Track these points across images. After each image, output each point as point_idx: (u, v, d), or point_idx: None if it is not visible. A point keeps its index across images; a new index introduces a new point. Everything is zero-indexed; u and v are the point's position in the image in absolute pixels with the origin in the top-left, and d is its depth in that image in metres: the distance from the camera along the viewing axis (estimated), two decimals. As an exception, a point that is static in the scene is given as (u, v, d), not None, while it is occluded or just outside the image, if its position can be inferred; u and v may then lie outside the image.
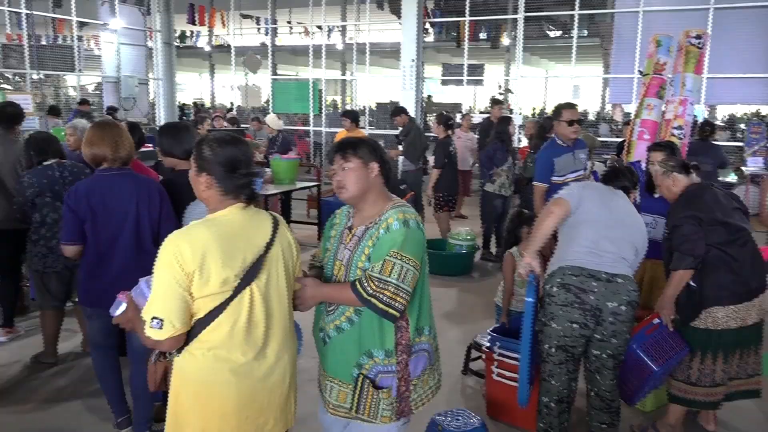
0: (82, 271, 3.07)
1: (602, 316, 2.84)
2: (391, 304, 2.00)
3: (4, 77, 14.32)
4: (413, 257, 2.04)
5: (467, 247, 6.54)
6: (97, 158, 3.02)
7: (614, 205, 3.07)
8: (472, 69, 12.54)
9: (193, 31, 19.73)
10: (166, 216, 3.05)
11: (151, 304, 1.82)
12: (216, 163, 1.92)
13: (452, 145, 7.08)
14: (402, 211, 2.09)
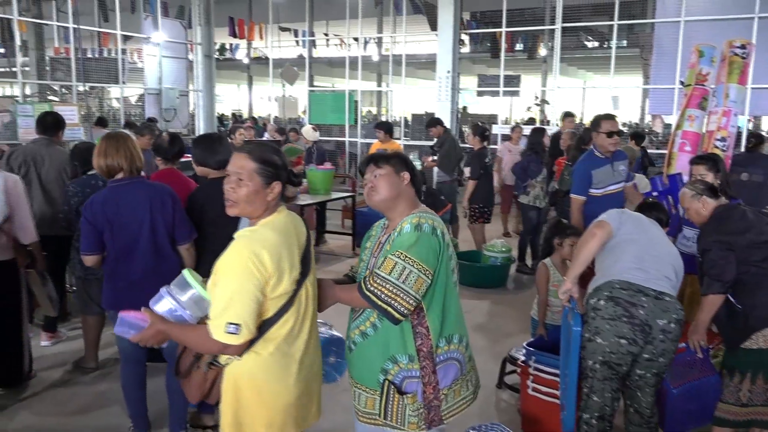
0: (105, 275, 3.18)
1: (652, 334, 2.74)
2: (391, 303, 2.00)
3: (52, 89, 14.81)
4: (419, 260, 2.02)
5: (502, 259, 6.48)
6: (112, 169, 3.11)
7: (651, 230, 3.05)
8: (508, 80, 12.48)
9: (232, 43, 20.12)
10: (180, 221, 3.15)
11: (224, 310, 1.82)
12: (284, 169, 2.00)
13: (488, 157, 7.05)
14: (418, 216, 2.11)
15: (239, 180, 1.94)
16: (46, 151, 4.65)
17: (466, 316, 2.35)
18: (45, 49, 16.37)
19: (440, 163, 7.82)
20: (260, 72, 18.61)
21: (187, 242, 3.18)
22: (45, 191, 4.60)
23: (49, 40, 16.71)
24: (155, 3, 13.76)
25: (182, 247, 3.19)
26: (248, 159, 1.95)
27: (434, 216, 2.17)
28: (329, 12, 16.69)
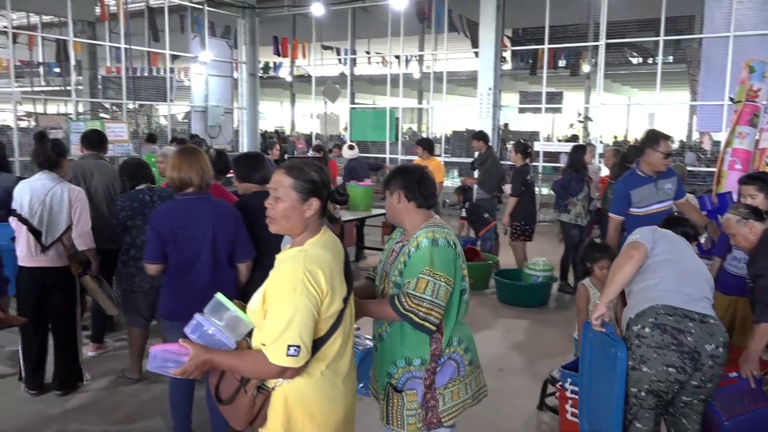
0: (164, 286, 3.24)
1: (701, 360, 2.61)
2: (427, 319, 2.19)
3: (103, 107, 15.34)
4: (444, 273, 2.21)
5: (544, 278, 6.37)
6: (183, 183, 3.17)
7: (683, 247, 2.94)
8: (550, 96, 12.36)
9: (276, 62, 20.49)
10: (242, 238, 3.20)
11: (283, 332, 1.78)
12: (324, 186, 1.99)
13: (530, 174, 6.98)
14: (432, 230, 2.26)
15: (277, 196, 1.94)
16: (94, 167, 4.80)
17: (507, 335, 2.38)
18: (97, 69, 17.00)
19: (481, 181, 7.77)
20: (303, 89, 18.90)
21: (247, 260, 3.23)
22: (93, 205, 4.74)
23: (101, 60, 17.34)
24: (203, 23, 14.17)
25: (242, 265, 3.23)
26: (285, 175, 1.95)
27: (444, 228, 2.31)
28: (371, 30, 16.87)
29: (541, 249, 8.11)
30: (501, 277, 6.52)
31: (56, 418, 3.78)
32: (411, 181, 2.34)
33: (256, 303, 1.90)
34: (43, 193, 3.79)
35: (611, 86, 22.78)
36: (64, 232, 3.86)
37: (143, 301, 4.16)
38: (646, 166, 4.30)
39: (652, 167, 4.27)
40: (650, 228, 3.05)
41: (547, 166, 12.72)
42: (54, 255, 3.87)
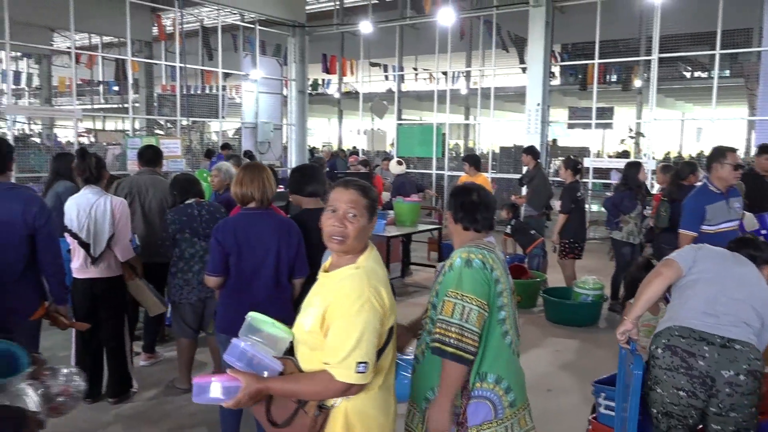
0: (223, 300, 3.27)
1: (716, 386, 2.49)
2: (460, 346, 2.01)
3: (158, 124, 15.85)
4: (474, 296, 2.05)
5: (594, 297, 6.22)
6: (245, 198, 3.23)
7: (737, 268, 2.75)
8: (600, 112, 12.15)
9: (325, 79, 20.82)
10: (301, 255, 3.23)
11: (353, 349, 1.78)
12: (375, 205, 2.01)
13: (580, 191, 6.85)
14: (468, 251, 2.15)
15: (353, 216, 1.92)
16: (149, 182, 4.95)
17: (556, 354, 2.29)
18: (153, 87, 17.60)
19: (529, 199, 7.67)
20: (350, 106, 19.11)
21: (303, 277, 3.25)
22: (147, 220, 4.88)
23: (157, 78, 17.96)
24: (254, 42, 14.53)
25: (297, 281, 3.25)
26: (361, 195, 1.94)
27: (483, 250, 2.17)
28: (418, 47, 16.97)
29: (590, 267, 7.94)
30: (549, 295, 6.40)
31: (107, 426, 3.88)
32: (457, 202, 2.32)
33: (313, 323, 1.88)
34: (88, 207, 3.93)
35: (664, 101, 22.23)
36: (110, 242, 3.98)
37: (191, 312, 4.25)
38: (717, 181, 4.18)
39: (724, 182, 4.16)
40: (695, 246, 2.95)
41: (597, 182, 12.47)
42: (103, 266, 4.00)
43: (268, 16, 14.11)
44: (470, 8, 14.49)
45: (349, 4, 17.21)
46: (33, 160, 11.17)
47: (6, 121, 11.34)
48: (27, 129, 15.48)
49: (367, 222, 1.96)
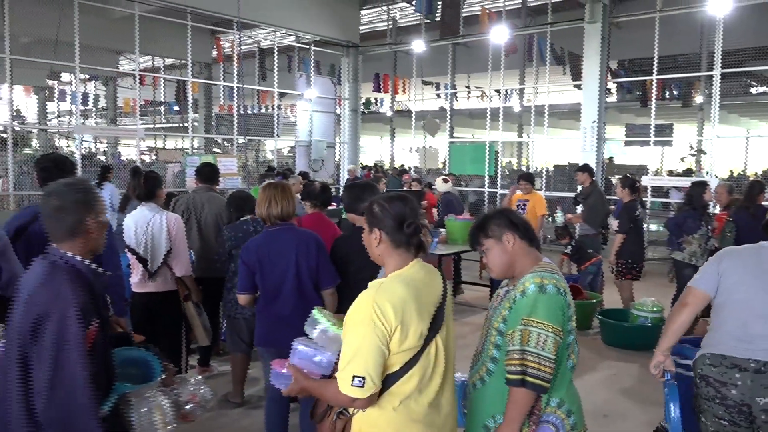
0: (257, 315, 3.42)
1: (753, 413, 2.39)
2: (539, 375, 1.98)
3: (216, 142, 16.31)
4: (550, 322, 2.01)
5: (653, 320, 6.00)
6: (269, 216, 3.36)
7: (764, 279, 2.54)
8: (659, 129, 11.83)
9: (377, 97, 21.02)
10: (324, 264, 3.29)
11: (349, 362, 1.83)
12: (386, 219, 2.02)
13: (638, 210, 6.66)
14: (540, 276, 2.09)
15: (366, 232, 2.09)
16: (205, 199, 5.08)
17: (612, 378, 2.23)
18: (212, 107, 18.16)
19: (586, 217, 7.50)
20: (402, 124, 19.21)
21: (330, 287, 3.30)
22: (202, 236, 5.01)
23: (215, 98, 18.51)
24: (309, 63, 14.83)
25: (326, 292, 3.31)
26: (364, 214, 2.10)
27: (554, 274, 2.13)
28: (471, 66, 16.94)
29: (649, 289, 7.67)
30: (606, 317, 6.22)
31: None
32: (514, 221, 2.24)
33: (342, 331, 1.97)
34: (144, 223, 4.06)
35: (727, 117, 21.45)
36: (167, 257, 4.10)
37: (245, 327, 4.31)
38: None
39: None
40: (715, 259, 2.72)
41: (656, 201, 12.11)
42: (160, 280, 4.12)
43: (322, 37, 14.39)
44: (523, 25, 14.41)
45: (402, 23, 17.38)
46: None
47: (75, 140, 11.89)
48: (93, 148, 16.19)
49: (369, 233, 2.05)
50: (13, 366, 1.87)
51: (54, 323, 1.83)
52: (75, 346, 1.83)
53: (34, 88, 19.60)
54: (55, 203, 2.00)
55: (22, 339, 1.87)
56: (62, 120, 20.86)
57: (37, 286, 1.92)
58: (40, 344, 1.83)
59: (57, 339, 1.82)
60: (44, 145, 15.85)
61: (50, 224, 2.02)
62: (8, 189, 9.55)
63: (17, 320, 1.91)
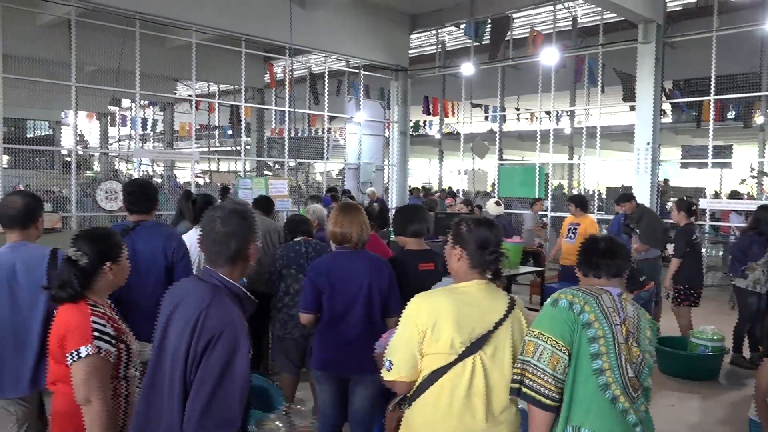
0: (316, 337, 3.34)
1: None
2: (531, 386, 2.00)
3: (267, 165, 16.65)
4: (550, 335, 2.02)
5: (713, 349, 5.76)
6: (344, 238, 3.30)
7: None
8: (717, 150, 11.46)
9: (426, 120, 21.08)
10: (394, 292, 3.23)
11: (390, 349, 2.17)
12: (470, 239, 2.18)
13: (695, 233, 6.44)
14: (562, 291, 2.14)
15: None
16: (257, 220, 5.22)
17: (670, 410, 2.14)
18: (264, 131, 18.58)
19: (646, 239, 7.24)
20: (451, 146, 19.19)
21: (397, 315, 3.26)
22: (252, 253, 5.14)
23: (267, 122, 18.95)
24: (358, 87, 15.04)
25: (392, 320, 3.20)
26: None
27: (583, 293, 2.12)
28: (521, 88, 16.86)
29: (708, 316, 7.38)
30: (663, 346, 6.00)
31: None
32: (581, 249, 2.36)
33: None
34: (197, 245, 4.14)
35: (791, 138, 20.61)
36: None
37: (293, 347, 4.34)
38: None
39: None
40: None
41: (714, 225, 11.69)
42: None
43: (372, 61, 14.59)
44: (574, 47, 14.27)
45: (450, 47, 17.47)
46: (155, 200, 12.02)
47: (133, 163, 12.35)
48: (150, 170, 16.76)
49: (451, 248, 2.25)
50: (175, 384, 1.84)
51: (226, 346, 1.80)
52: (241, 370, 1.82)
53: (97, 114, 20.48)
54: (221, 229, 1.99)
55: (191, 359, 1.83)
56: (122, 144, 21.70)
57: (206, 307, 1.87)
58: (207, 364, 1.80)
59: (226, 361, 1.80)
60: (105, 168, 16.48)
61: (213, 248, 2.00)
62: (71, 210, 9.96)
63: (180, 339, 1.87)
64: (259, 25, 11.69)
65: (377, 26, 14.12)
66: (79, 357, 2.14)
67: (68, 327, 2.20)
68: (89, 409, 2.13)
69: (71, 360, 2.15)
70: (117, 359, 2.25)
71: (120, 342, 2.27)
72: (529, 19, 15.50)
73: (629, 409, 2.07)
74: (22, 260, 2.85)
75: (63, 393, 2.23)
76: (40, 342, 2.79)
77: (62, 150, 16.12)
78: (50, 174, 12.90)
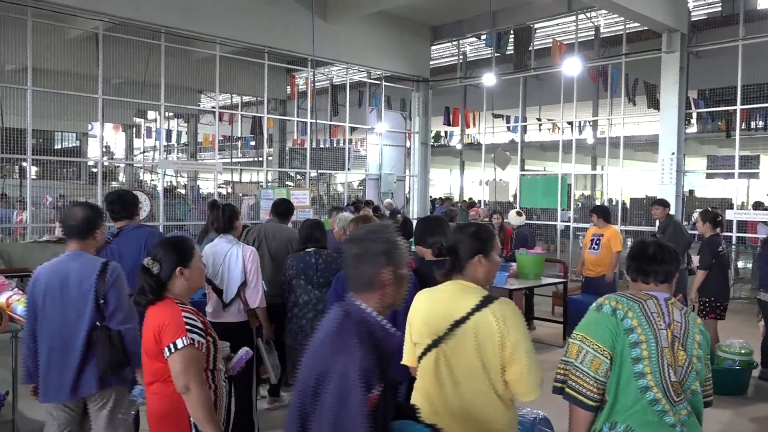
0: None
1: None
2: (574, 387, 2.05)
3: (289, 176, 16.76)
4: (594, 339, 2.07)
5: (741, 363, 5.64)
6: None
7: None
8: (744, 160, 11.28)
9: (447, 131, 21.07)
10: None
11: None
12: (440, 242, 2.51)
13: (721, 245, 6.34)
14: (607, 297, 2.19)
15: None
16: (275, 229, 5.26)
17: (698, 425, 2.08)
18: (286, 141, 18.72)
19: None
20: (472, 157, 19.16)
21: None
22: (274, 263, 5.14)
23: (289, 133, 19.08)
24: (380, 98, 15.10)
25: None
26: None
27: (626, 298, 2.16)
28: (543, 98, 16.80)
29: (735, 329, 7.23)
30: (688, 359, 5.89)
31: (235, 466, 4.01)
32: (629, 254, 2.38)
33: None
34: (222, 255, 4.18)
35: (820, 148, 20.22)
36: (241, 288, 4.20)
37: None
38: None
39: None
40: None
41: (742, 236, 11.49)
42: (234, 311, 4.21)
43: (393, 73, 14.66)
44: (597, 56, 14.19)
45: (471, 57, 17.48)
46: (179, 210, 12.19)
47: (158, 174, 12.52)
48: (174, 181, 16.97)
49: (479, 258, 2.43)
50: (295, 422, 1.76)
51: (336, 381, 1.65)
52: (355, 412, 1.63)
53: (123, 126, 20.83)
54: (354, 251, 1.89)
55: (304, 392, 1.75)
56: (147, 155, 22.02)
57: (325, 336, 1.80)
58: (320, 402, 1.68)
59: (338, 399, 1.64)
60: (130, 179, 16.75)
61: (349, 272, 1.92)
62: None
63: (303, 370, 1.80)
64: (282, 38, 11.83)
65: (398, 38, 14.19)
66: (176, 349, 2.29)
67: (162, 323, 2.34)
68: (190, 397, 2.27)
69: (168, 353, 2.29)
70: (207, 351, 2.39)
71: (208, 335, 2.41)
72: (552, 30, 15.46)
73: (668, 411, 2.10)
74: (76, 270, 2.96)
75: (161, 394, 2.34)
76: (84, 352, 2.90)
77: (89, 161, 16.42)
78: (77, 185, 13.13)
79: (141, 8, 10.04)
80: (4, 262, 8.29)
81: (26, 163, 9.85)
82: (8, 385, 4.29)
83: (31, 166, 9.95)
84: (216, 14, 10.95)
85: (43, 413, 4.58)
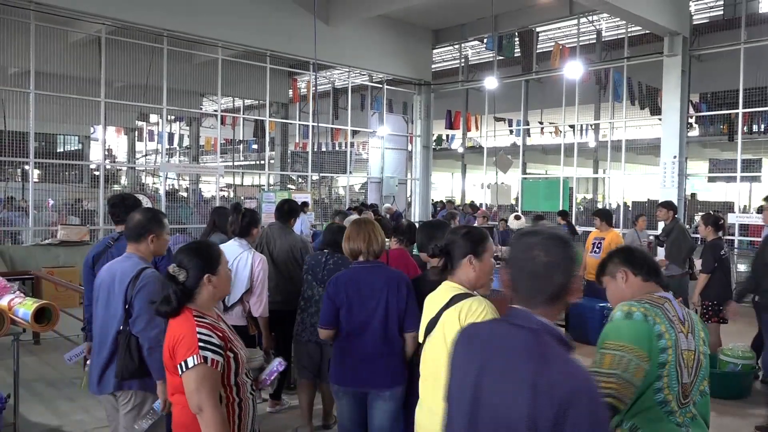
0: (334, 352, 3.35)
1: None
2: (619, 398, 1.96)
3: (291, 179, 16.77)
4: (631, 344, 2.00)
5: (743, 367, 5.63)
6: (354, 252, 3.34)
7: None
8: (746, 164, 11.27)
9: (449, 134, 21.10)
10: (411, 308, 3.20)
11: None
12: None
13: (723, 248, 6.32)
14: (629, 304, 2.11)
15: None
16: (278, 233, 5.21)
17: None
18: (288, 145, 18.73)
19: (669, 254, 7.15)
20: (474, 160, 19.14)
21: (413, 330, 3.23)
22: (279, 270, 5.12)
23: (291, 136, 19.10)
24: (381, 101, 15.11)
25: (408, 335, 3.20)
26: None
27: (649, 304, 2.12)
28: (544, 101, 16.78)
29: (738, 333, 7.20)
30: (691, 363, 5.87)
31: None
32: (632, 256, 2.29)
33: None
34: (232, 258, 4.16)
35: (822, 152, 20.18)
36: (245, 294, 4.19)
37: (305, 353, 4.32)
38: None
39: None
40: None
41: (744, 240, 11.48)
42: (234, 315, 4.21)
43: (395, 76, 14.67)
44: (599, 60, 14.19)
45: (473, 61, 17.49)
46: (180, 213, 12.21)
47: (160, 177, 12.54)
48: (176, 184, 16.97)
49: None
50: None
51: (586, 411, 1.43)
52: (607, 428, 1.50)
53: (125, 129, 20.87)
54: (541, 258, 1.59)
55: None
56: (149, 158, 22.05)
57: (545, 363, 1.50)
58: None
59: (594, 425, 1.45)
60: (132, 182, 16.78)
61: (530, 283, 1.61)
62: (99, 223, 10.14)
63: (510, 405, 1.50)
64: (284, 41, 11.85)
65: (400, 41, 14.21)
66: (187, 367, 2.20)
67: (176, 339, 2.27)
68: (203, 417, 2.20)
69: (181, 371, 2.22)
70: (226, 367, 2.28)
71: (227, 350, 2.30)
72: (553, 33, 15.47)
73: (676, 413, 2.10)
74: (121, 271, 3.04)
75: (181, 404, 2.31)
76: (111, 350, 3.01)
77: (91, 164, 16.44)
78: (79, 188, 13.15)
79: (143, 12, 10.08)
80: (6, 265, 8.30)
81: (29, 166, 9.86)
82: (10, 389, 4.28)
83: (33, 169, 9.97)
84: (218, 18, 10.98)
85: (44, 417, 4.59)
